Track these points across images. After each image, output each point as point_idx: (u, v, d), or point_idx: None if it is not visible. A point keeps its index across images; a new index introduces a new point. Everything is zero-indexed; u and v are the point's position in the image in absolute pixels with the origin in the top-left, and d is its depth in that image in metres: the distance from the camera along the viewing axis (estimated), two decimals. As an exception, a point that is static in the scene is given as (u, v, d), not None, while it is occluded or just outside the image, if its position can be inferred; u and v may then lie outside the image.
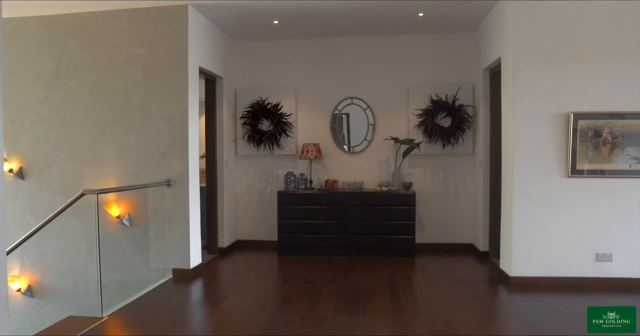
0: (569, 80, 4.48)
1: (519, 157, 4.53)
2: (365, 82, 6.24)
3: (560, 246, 4.54)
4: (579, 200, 4.52)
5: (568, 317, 3.69)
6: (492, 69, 5.44)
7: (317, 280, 4.77)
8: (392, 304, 4.00)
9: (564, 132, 4.48)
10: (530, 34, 4.51)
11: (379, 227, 5.74)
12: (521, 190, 4.53)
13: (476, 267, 5.35)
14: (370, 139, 6.24)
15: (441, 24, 5.69)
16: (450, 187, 6.17)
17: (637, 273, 4.49)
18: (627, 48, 4.45)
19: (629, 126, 4.44)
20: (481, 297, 4.25)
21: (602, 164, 4.48)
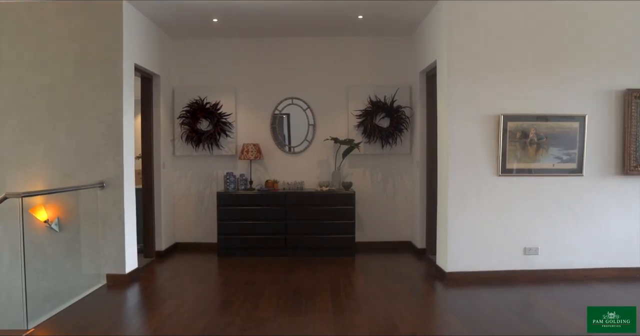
0: (499, 83, 4.71)
1: (454, 157, 4.70)
2: (305, 82, 6.26)
3: (491, 241, 4.76)
4: (509, 198, 4.76)
5: (500, 309, 3.89)
6: (429, 72, 5.62)
7: (258, 281, 4.73)
8: (333, 303, 4.04)
9: (495, 133, 4.71)
10: (463, 39, 4.69)
11: (320, 227, 5.78)
12: (455, 188, 4.71)
13: (414, 264, 5.50)
14: (311, 139, 6.27)
15: (380, 26, 5.81)
16: (389, 186, 6.32)
17: (559, 265, 4.80)
18: (552, 54, 4.74)
19: (553, 128, 4.72)
20: (419, 293, 4.39)
21: (529, 163, 4.74)
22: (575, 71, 4.76)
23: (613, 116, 4.80)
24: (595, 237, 4.83)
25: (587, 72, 4.77)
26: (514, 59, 4.72)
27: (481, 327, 3.52)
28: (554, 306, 3.95)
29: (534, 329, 3.46)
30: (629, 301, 4.05)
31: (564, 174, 4.77)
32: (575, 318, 3.64)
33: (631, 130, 4.76)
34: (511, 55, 4.72)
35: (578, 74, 4.76)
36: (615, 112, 4.80)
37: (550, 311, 3.84)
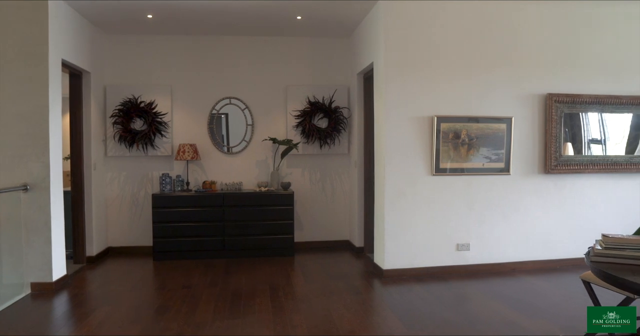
0: (433, 85, 4.88)
1: (390, 157, 4.82)
2: (244, 82, 6.20)
3: (426, 239, 4.93)
4: (442, 196, 4.95)
5: (434, 303, 4.03)
6: (366, 74, 5.73)
7: (195, 285, 4.63)
8: (272, 303, 4.03)
9: (429, 133, 4.87)
10: (399, 42, 4.82)
11: (259, 228, 5.75)
12: (392, 187, 4.84)
13: (352, 262, 5.59)
14: (249, 139, 6.22)
15: (319, 28, 5.85)
16: (327, 186, 6.39)
17: (489, 260, 5.05)
18: (481, 58, 4.97)
19: (482, 129, 4.96)
20: (357, 291, 4.46)
21: (461, 163, 4.95)
22: (503, 75, 5.02)
23: (536, 118, 5.11)
24: (520, 232, 5.12)
25: (513, 76, 5.04)
26: (447, 61, 4.91)
27: (417, 322, 3.63)
28: (485, 299, 4.15)
29: (466, 321, 3.62)
30: (551, 291, 4.33)
31: (492, 173, 5.02)
32: (505, 309, 3.86)
33: (552, 131, 5.08)
34: (444, 58, 4.90)
35: (505, 78, 5.02)
36: (537, 115, 5.11)
37: (482, 304, 4.03)
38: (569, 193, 5.22)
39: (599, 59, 5.22)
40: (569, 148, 5.22)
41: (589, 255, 2.51)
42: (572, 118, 5.21)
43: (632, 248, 2.38)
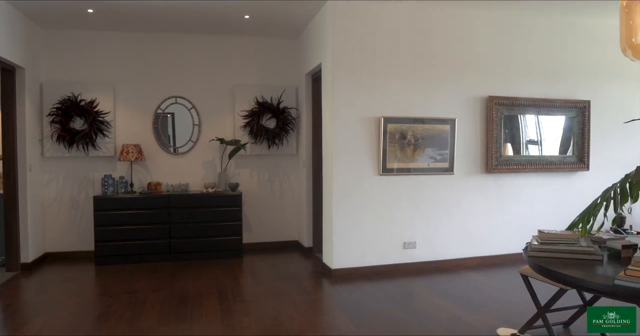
0: (379, 87, 4.96)
1: (338, 157, 4.87)
2: (190, 81, 6.06)
3: (374, 238, 5.00)
4: (389, 196, 5.04)
5: (382, 301, 4.10)
6: (314, 74, 5.75)
7: (140, 290, 4.49)
8: (220, 306, 3.97)
9: (376, 134, 4.95)
10: (347, 43, 4.87)
11: (206, 229, 5.65)
12: (340, 187, 4.88)
13: (301, 263, 5.60)
14: (196, 140, 6.09)
15: (267, 27, 5.82)
16: (276, 186, 6.36)
17: (433, 257, 5.19)
18: (426, 60, 5.10)
19: (428, 130, 5.09)
20: (306, 291, 4.47)
21: (408, 163, 5.06)
22: (447, 78, 5.17)
23: (478, 120, 5.30)
24: (464, 229, 5.30)
25: (456, 79, 5.21)
26: (394, 63, 5.01)
27: (365, 320, 3.68)
28: (430, 295, 4.27)
29: (412, 317, 3.71)
30: (492, 286, 4.51)
31: (437, 173, 5.16)
32: (450, 305, 3.98)
33: (493, 132, 5.29)
34: (391, 60, 5.00)
35: (449, 81, 5.18)
36: (479, 117, 5.30)
37: (427, 300, 4.14)
38: (509, 192, 5.46)
39: (535, 64, 5.49)
40: (508, 148, 5.45)
41: (526, 250, 2.63)
42: (511, 120, 5.45)
43: (565, 243, 2.52)
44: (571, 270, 2.26)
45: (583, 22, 5.64)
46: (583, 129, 5.65)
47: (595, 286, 2.14)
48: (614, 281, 2.01)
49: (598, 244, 2.66)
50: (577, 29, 5.64)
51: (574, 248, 2.48)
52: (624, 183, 2.36)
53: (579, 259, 2.44)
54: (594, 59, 5.69)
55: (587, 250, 2.45)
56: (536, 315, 3.22)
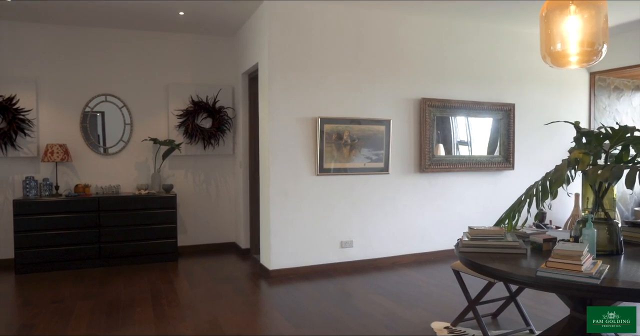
0: (316, 88, 4.99)
1: (275, 158, 4.84)
2: (121, 78, 5.81)
3: (311, 237, 5.02)
4: (326, 196, 5.08)
5: (320, 300, 4.12)
6: (251, 74, 5.69)
7: (67, 298, 4.24)
8: (154, 312, 3.83)
9: (313, 134, 4.97)
10: (284, 43, 4.85)
11: (139, 233, 5.44)
12: (277, 188, 4.86)
13: (239, 264, 5.52)
14: (128, 140, 5.85)
15: (203, 25, 5.69)
16: (212, 187, 6.23)
17: (370, 255, 5.29)
18: (363, 62, 5.18)
19: (364, 130, 5.17)
20: (244, 293, 4.41)
21: (344, 163, 5.12)
22: (382, 80, 5.29)
23: (412, 121, 5.46)
24: (399, 227, 5.43)
25: (391, 81, 5.33)
26: (330, 65, 5.05)
27: (303, 319, 3.68)
28: (367, 292, 4.34)
29: (350, 315, 3.75)
30: (426, 281, 4.65)
31: (373, 172, 5.26)
32: (386, 301, 4.07)
33: (426, 133, 5.46)
34: (328, 61, 5.04)
35: (384, 82, 5.30)
36: (413, 118, 5.46)
37: (365, 297, 4.20)
38: (441, 190, 5.66)
39: (465, 68, 5.73)
40: (440, 149, 5.66)
41: (457, 246, 2.73)
42: (443, 121, 5.65)
43: (493, 238, 2.64)
44: (498, 264, 2.37)
45: (509, 30, 5.96)
46: (508, 130, 5.97)
47: (520, 278, 2.26)
48: (537, 273, 2.12)
49: (522, 239, 2.80)
50: (504, 35, 5.95)
51: (501, 243, 2.60)
52: (544, 181, 2.51)
53: (506, 253, 2.56)
54: (519, 64, 6.03)
55: (512, 245, 2.58)
56: (467, 308, 3.36)
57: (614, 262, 2.38)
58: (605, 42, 2.62)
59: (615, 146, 2.59)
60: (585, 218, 2.46)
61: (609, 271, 2.17)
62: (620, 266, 2.33)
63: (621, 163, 2.57)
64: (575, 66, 2.77)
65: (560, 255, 2.11)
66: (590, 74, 6.70)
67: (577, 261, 2.05)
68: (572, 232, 2.58)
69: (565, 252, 2.10)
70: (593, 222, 2.45)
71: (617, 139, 2.55)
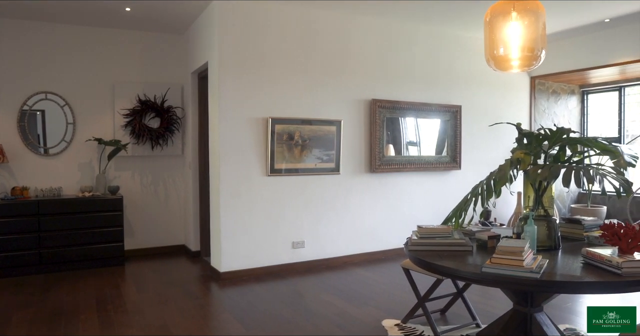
0: (267, 88, 4.96)
1: (225, 158, 4.78)
2: (63, 75, 5.56)
3: (263, 238, 4.99)
4: (278, 196, 5.06)
5: (272, 301, 4.10)
6: (200, 73, 5.59)
7: (3, 308, 4.01)
8: (100, 319, 3.69)
9: (264, 135, 4.94)
10: (235, 43, 4.80)
11: (83, 237, 5.22)
12: (227, 189, 4.80)
13: (189, 267, 5.41)
14: (70, 140, 5.60)
15: (151, 22, 5.53)
16: (160, 189, 6.08)
17: (322, 255, 5.32)
18: (314, 63, 5.20)
19: (315, 131, 5.19)
20: (194, 296, 4.32)
21: (296, 163, 5.12)
22: (333, 80, 5.32)
23: (362, 122, 5.53)
24: (350, 227, 5.49)
25: (342, 81, 5.38)
26: (282, 65, 5.03)
27: (256, 322, 3.65)
28: (319, 292, 4.35)
29: (302, 315, 3.75)
30: (377, 280, 4.72)
31: (325, 173, 5.29)
32: (338, 300, 4.10)
33: (376, 134, 5.54)
34: (279, 61, 5.02)
35: (335, 83, 5.34)
36: (364, 118, 5.53)
37: (317, 297, 4.21)
38: (391, 190, 5.76)
39: (414, 70, 5.87)
40: (390, 149, 5.76)
41: (407, 245, 2.79)
42: (393, 122, 5.75)
43: (441, 236, 2.72)
44: (446, 261, 2.44)
45: (456, 34, 6.15)
46: (455, 131, 6.15)
47: (466, 275, 2.33)
48: (482, 269, 2.20)
49: (469, 236, 2.90)
50: (451, 39, 6.13)
51: (448, 241, 2.68)
52: (489, 181, 2.60)
53: (453, 251, 2.64)
54: (465, 67, 6.24)
55: (459, 242, 2.66)
56: (416, 305, 3.44)
57: (553, 257, 2.50)
58: (544, 47, 2.76)
59: (553, 147, 2.72)
60: (527, 216, 2.57)
61: (548, 266, 2.28)
62: (558, 261, 2.45)
63: (559, 163, 2.70)
64: (517, 70, 2.89)
65: (503, 251, 2.19)
66: (530, 78, 7.02)
67: (519, 257, 2.14)
68: (514, 229, 2.69)
69: (508, 248, 2.19)
70: (533, 219, 2.57)
71: (554, 140, 2.68)
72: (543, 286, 2.19)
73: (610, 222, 2.40)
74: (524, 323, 2.58)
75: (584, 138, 2.72)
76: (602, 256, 2.22)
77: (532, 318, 2.55)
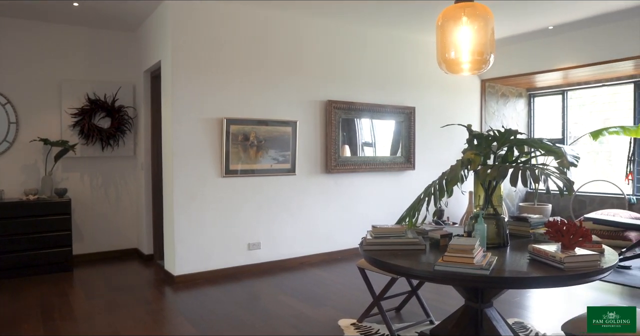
0: (222, 88, 4.90)
1: (179, 159, 4.68)
2: (5, 72, 5.28)
3: (218, 240, 4.92)
4: (233, 197, 5.00)
5: (227, 304, 4.04)
6: (153, 72, 5.45)
7: (-61, 317, 3.79)
8: (45, 328, 3.53)
9: (219, 135, 4.88)
10: (189, 42, 4.71)
11: (27, 242, 4.98)
12: (181, 190, 4.70)
13: (141, 271, 5.26)
14: (13, 140, 5.33)
15: (100, 18, 5.34)
16: (111, 191, 5.89)
17: (278, 256, 5.30)
18: (270, 64, 5.17)
19: (271, 131, 5.17)
20: (146, 301, 4.21)
21: (251, 164, 5.08)
22: (289, 81, 5.32)
23: (318, 122, 5.55)
24: (306, 228, 5.49)
25: (298, 82, 5.38)
26: (237, 65, 4.98)
27: (210, 325, 3.59)
28: (275, 294, 4.33)
29: (258, 317, 3.72)
30: (333, 280, 4.74)
31: (280, 174, 5.27)
32: (294, 301, 4.09)
33: (332, 135, 5.57)
34: (234, 61, 4.97)
35: (291, 84, 5.33)
36: (319, 119, 5.55)
37: (273, 299, 4.19)
38: (347, 191, 5.81)
39: (369, 72, 5.94)
40: (346, 150, 5.80)
41: (362, 245, 2.82)
42: (348, 123, 5.80)
43: (395, 236, 2.76)
44: (400, 260, 2.47)
45: (410, 37, 6.27)
46: (409, 133, 6.27)
47: (420, 273, 2.38)
48: (434, 267, 2.25)
49: (422, 235, 2.95)
50: (405, 42, 6.25)
51: (402, 240, 2.73)
52: (441, 181, 2.66)
53: (407, 250, 2.69)
54: (419, 70, 6.37)
55: (412, 241, 2.71)
56: (372, 304, 3.48)
57: (501, 254, 2.58)
58: (493, 52, 2.85)
59: (501, 147, 2.82)
60: (477, 215, 2.64)
61: (497, 263, 2.35)
62: (507, 257, 2.53)
63: (507, 163, 2.80)
64: (467, 73, 2.97)
65: (455, 249, 2.25)
66: (481, 81, 7.24)
67: (470, 254, 2.20)
68: (465, 228, 2.77)
69: (459, 246, 2.25)
70: (483, 217, 2.65)
71: (503, 141, 2.78)
72: (492, 283, 2.26)
73: (554, 219, 2.50)
74: (475, 319, 2.65)
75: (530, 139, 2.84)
76: (547, 252, 2.32)
77: (483, 313, 2.63)
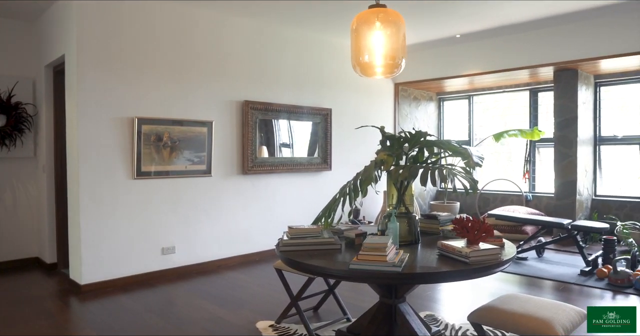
0: (133, 86, 4.68)
1: (85, 160, 4.41)
2: None
3: (129, 246, 4.69)
4: (146, 200, 4.79)
5: (140, 312, 3.87)
6: (56, 67, 5.08)
7: None
8: None
9: (130, 135, 4.65)
10: (96, 37, 4.44)
11: None
12: (88, 194, 4.43)
13: (43, 282, 4.88)
14: None
15: (-10, 7, 4.90)
16: (7, 195, 5.40)
17: (194, 260, 5.16)
18: (186, 63, 5.02)
19: (185, 132, 5.01)
20: (49, 314, 3.91)
21: (165, 166, 4.89)
22: (205, 80, 5.19)
23: (234, 123, 5.47)
24: (224, 230, 5.39)
25: (214, 82, 5.27)
26: (149, 62, 4.77)
27: (119, 334, 3.41)
28: (191, 299, 4.21)
29: (172, 323, 3.59)
30: (251, 282, 4.69)
31: (196, 175, 5.13)
32: (211, 306, 3.99)
33: (248, 135, 5.52)
34: (147, 58, 4.76)
35: (207, 83, 5.21)
36: (236, 120, 5.48)
37: (189, 304, 4.06)
38: (264, 191, 5.78)
39: (287, 73, 5.96)
40: (264, 151, 5.77)
41: (278, 246, 2.81)
42: (266, 124, 5.77)
43: (311, 236, 2.78)
44: (316, 260, 2.50)
45: (327, 39, 6.37)
46: (326, 134, 6.37)
47: (335, 272, 2.42)
48: (349, 266, 2.29)
49: (338, 235, 3.00)
50: (322, 44, 6.33)
51: (318, 240, 2.75)
52: (355, 181, 2.72)
53: (323, 249, 2.72)
54: (335, 72, 6.48)
55: (328, 241, 2.75)
56: (290, 305, 3.49)
57: (413, 251, 2.69)
58: (404, 56, 2.96)
59: (413, 148, 2.94)
60: (390, 213, 2.73)
61: (409, 259, 2.45)
62: (418, 254, 2.64)
63: (417, 163, 2.92)
64: (381, 76, 3.06)
65: (368, 247, 2.31)
66: (395, 85, 7.52)
67: (383, 252, 2.27)
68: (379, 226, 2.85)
69: (372, 244, 2.31)
70: (396, 216, 2.74)
71: (414, 142, 2.90)
72: (404, 279, 2.35)
73: (460, 216, 2.65)
74: (390, 314, 2.74)
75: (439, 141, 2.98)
76: (454, 248, 2.45)
77: (397, 308, 2.72)
